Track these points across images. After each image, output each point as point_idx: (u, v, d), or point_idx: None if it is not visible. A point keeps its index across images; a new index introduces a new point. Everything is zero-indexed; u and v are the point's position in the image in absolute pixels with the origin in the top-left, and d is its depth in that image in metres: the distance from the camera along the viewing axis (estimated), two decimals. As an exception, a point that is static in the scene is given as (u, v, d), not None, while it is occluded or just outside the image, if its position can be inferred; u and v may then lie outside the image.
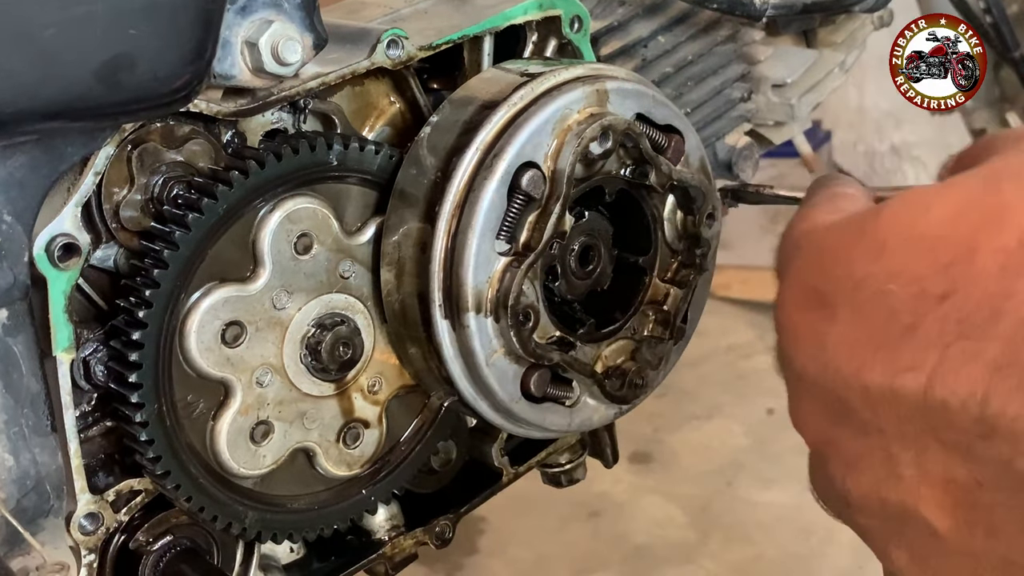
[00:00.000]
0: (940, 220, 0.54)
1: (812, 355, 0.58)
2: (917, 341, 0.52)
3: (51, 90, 0.66)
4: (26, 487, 0.78)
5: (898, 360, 0.53)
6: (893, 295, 0.54)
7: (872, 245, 0.56)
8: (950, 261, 0.52)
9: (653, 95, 0.93)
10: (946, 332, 0.51)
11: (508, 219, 0.85)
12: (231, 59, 0.79)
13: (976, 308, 0.51)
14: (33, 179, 0.74)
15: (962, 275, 0.51)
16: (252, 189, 0.82)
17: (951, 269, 0.52)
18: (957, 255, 0.52)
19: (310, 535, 0.93)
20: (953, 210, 0.54)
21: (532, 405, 0.91)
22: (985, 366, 0.50)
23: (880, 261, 0.55)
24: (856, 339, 0.55)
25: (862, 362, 0.55)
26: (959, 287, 0.51)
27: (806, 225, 0.64)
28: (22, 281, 0.75)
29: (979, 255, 0.51)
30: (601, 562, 2.68)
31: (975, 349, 0.50)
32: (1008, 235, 0.51)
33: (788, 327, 0.61)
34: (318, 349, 0.87)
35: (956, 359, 0.51)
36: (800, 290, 0.60)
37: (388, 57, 0.88)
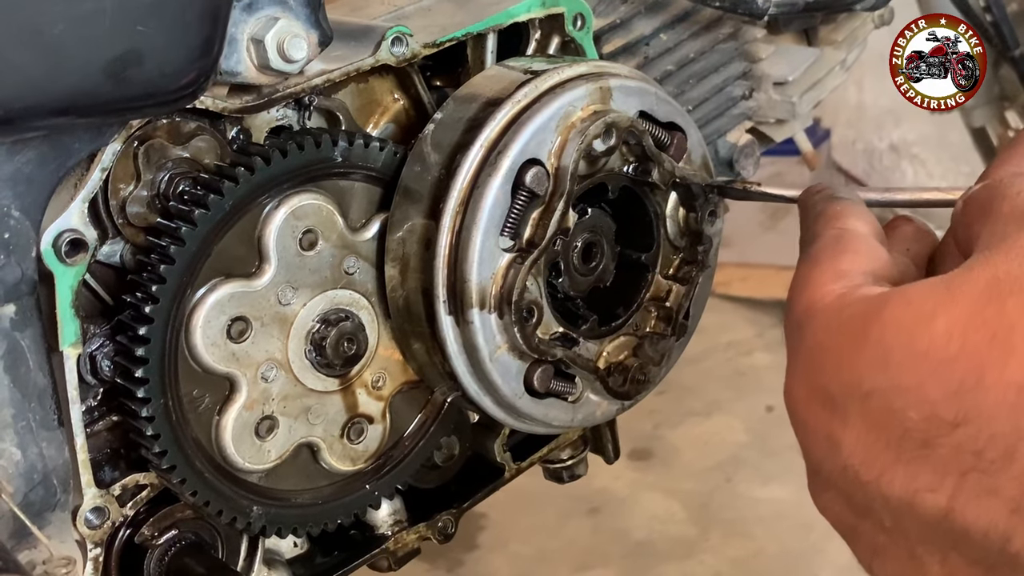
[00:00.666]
0: (944, 337, 0.53)
1: (827, 455, 0.58)
2: (934, 462, 0.53)
3: (59, 86, 0.67)
4: (33, 481, 0.78)
5: (917, 478, 0.53)
6: (904, 414, 0.54)
7: (877, 354, 0.55)
8: (959, 387, 0.52)
9: (656, 92, 0.94)
10: (962, 460, 0.52)
11: (512, 216, 0.86)
12: (237, 56, 0.79)
13: (989, 443, 0.51)
14: (41, 175, 0.74)
15: (972, 405, 0.51)
16: (258, 185, 0.82)
17: (961, 396, 0.52)
18: (966, 383, 0.52)
19: (314, 530, 0.93)
20: (957, 327, 0.53)
21: (535, 401, 0.91)
22: (1004, 504, 0.50)
23: (886, 374, 0.55)
24: (872, 447, 0.55)
25: (880, 472, 0.55)
26: (971, 417, 0.51)
27: (809, 296, 0.63)
28: (30, 276, 0.76)
29: (987, 387, 0.51)
30: (601, 558, 2.69)
31: (992, 485, 0.51)
32: (1015, 368, 0.51)
33: (800, 420, 0.60)
34: (323, 344, 0.88)
35: (974, 490, 0.51)
36: (808, 386, 0.59)
37: (393, 54, 0.89)
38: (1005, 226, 0.57)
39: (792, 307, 0.64)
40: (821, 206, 0.73)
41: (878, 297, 0.58)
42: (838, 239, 0.67)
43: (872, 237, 0.68)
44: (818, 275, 0.64)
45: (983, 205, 0.61)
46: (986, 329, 0.52)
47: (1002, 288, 0.53)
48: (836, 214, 0.70)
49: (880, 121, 4.03)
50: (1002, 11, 1.62)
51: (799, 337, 0.62)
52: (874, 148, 4.12)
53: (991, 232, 0.58)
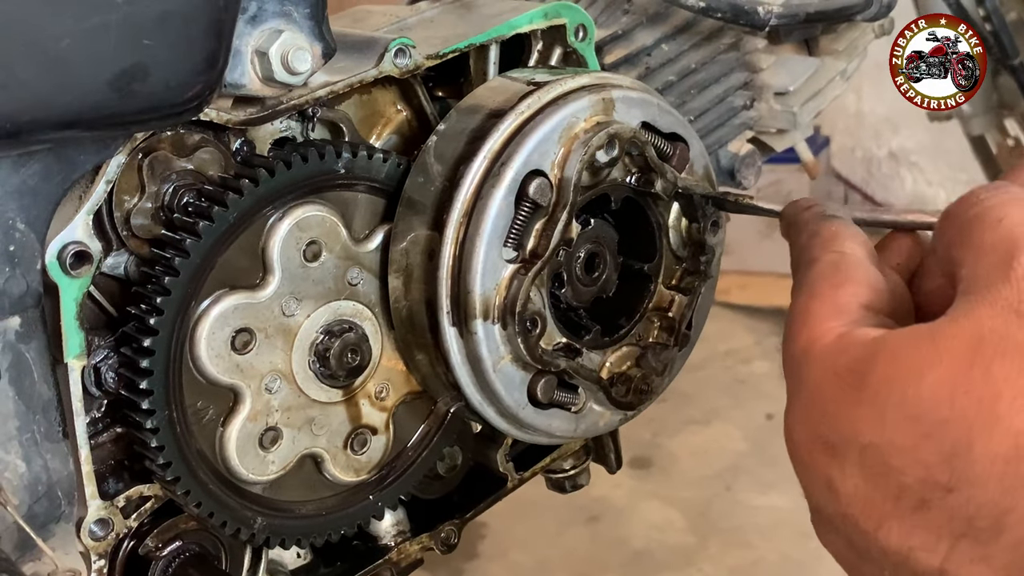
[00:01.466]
0: (934, 399, 0.54)
1: (827, 500, 0.59)
2: (928, 523, 0.54)
3: (65, 100, 0.67)
4: (38, 493, 0.78)
5: (912, 535, 0.54)
6: (901, 472, 0.54)
7: (872, 411, 0.56)
8: (951, 453, 0.53)
9: (658, 103, 0.94)
10: (955, 525, 0.53)
11: (515, 227, 0.86)
12: (241, 68, 0.80)
13: (979, 512, 0.52)
14: (46, 187, 0.74)
15: (963, 472, 0.52)
16: (262, 197, 0.82)
17: (953, 462, 0.53)
18: (956, 449, 0.53)
19: (317, 540, 0.93)
20: (945, 389, 0.54)
21: (538, 411, 0.91)
22: (994, 572, 0.52)
23: (881, 431, 0.56)
24: (869, 499, 0.56)
25: (878, 523, 0.56)
26: (962, 484, 0.52)
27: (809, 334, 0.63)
28: (35, 288, 0.76)
29: (976, 457, 0.52)
30: (600, 567, 2.69)
31: (983, 553, 0.52)
32: (1000, 438, 0.52)
33: (801, 462, 0.61)
34: (326, 356, 0.88)
35: (967, 555, 0.53)
36: (809, 431, 0.60)
37: (396, 66, 0.89)
38: (988, 268, 0.57)
39: (792, 341, 0.65)
40: (814, 226, 0.73)
41: (872, 345, 0.59)
42: (836, 265, 0.68)
43: (868, 261, 0.68)
44: (817, 308, 0.64)
45: (963, 228, 0.61)
46: (973, 394, 0.53)
47: (987, 348, 0.54)
48: (832, 235, 0.71)
49: (878, 129, 4.04)
50: (1001, 20, 1.62)
51: (799, 377, 0.62)
52: (873, 156, 4.13)
53: (973, 270, 0.58)
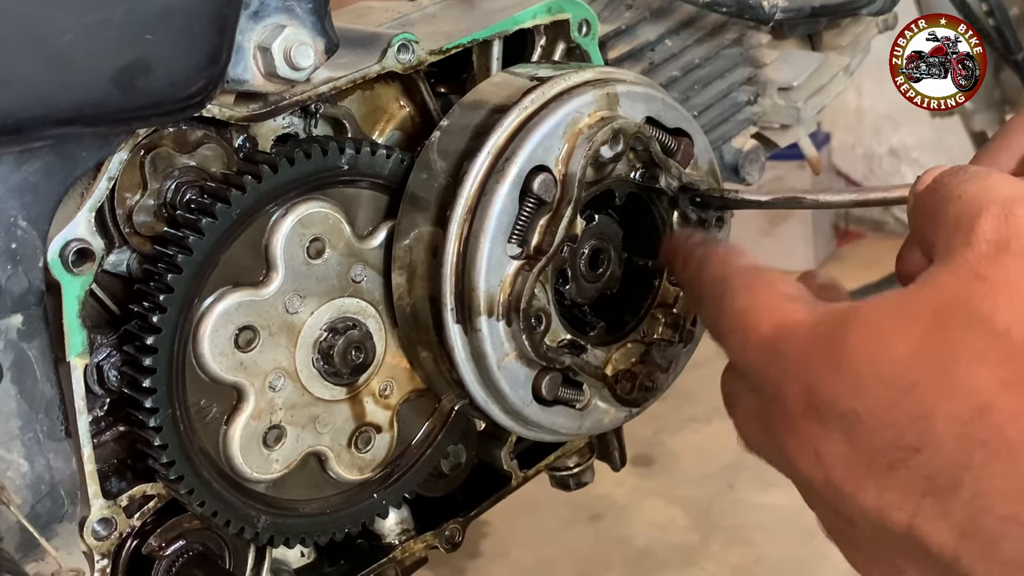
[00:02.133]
0: (903, 364, 0.56)
1: (813, 466, 0.61)
2: (898, 482, 0.56)
3: (67, 95, 0.66)
4: (40, 492, 0.78)
5: (885, 494, 0.57)
6: (876, 435, 0.57)
7: (849, 378, 0.58)
8: (917, 415, 0.55)
9: (662, 98, 0.94)
10: (920, 483, 0.55)
11: (519, 223, 0.85)
12: (244, 64, 0.79)
13: (940, 471, 0.54)
14: (48, 184, 0.74)
15: (927, 434, 0.55)
16: (265, 194, 0.82)
17: (918, 425, 0.55)
18: (921, 412, 0.55)
19: (321, 539, 0.93)
20: (911, 355, 0.56)
21: (543, 408, 0.91)
22: (953, 527, 0.54)
23: (859, 397, 0.57)
24: (849, 462, 0.58)
25: (857, 486, 0.58)
26: (927, 445, 0.55)
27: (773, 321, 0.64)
28: (36, 286, 0.75)
29: (937, 419, 0.54)
30: (603, 565, 2.69)
31: (943, 508, 0.54)
32: (958, 404, 0.54)
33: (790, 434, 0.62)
34: (330, 353, 0.87)
35: (930, 512, 0.55)
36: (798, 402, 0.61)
37: (399, 61, 0.89)
38: (952, 237, 0.59)
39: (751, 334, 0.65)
40: (702, 251, 0.76)
41: (845, 314, 0.60)
42: (753, 270, 0.70)
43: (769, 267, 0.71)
44: (766, 299, 0.66)
45: (931, 209, 0.63)
46: (935, 359, 0.55)
47: (948, 313, 0.56)
48: (728, 253, 0.74)
49: (879, 126, 4.04)
50: (1004, 15, 1.62)
51: (779, 361, 0.63)
52: (873, 152, 4.12)
53: (943, 243, 0.60)
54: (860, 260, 4.01)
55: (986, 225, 0.57)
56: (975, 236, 0.57)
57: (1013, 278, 0.55)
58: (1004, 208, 0.57)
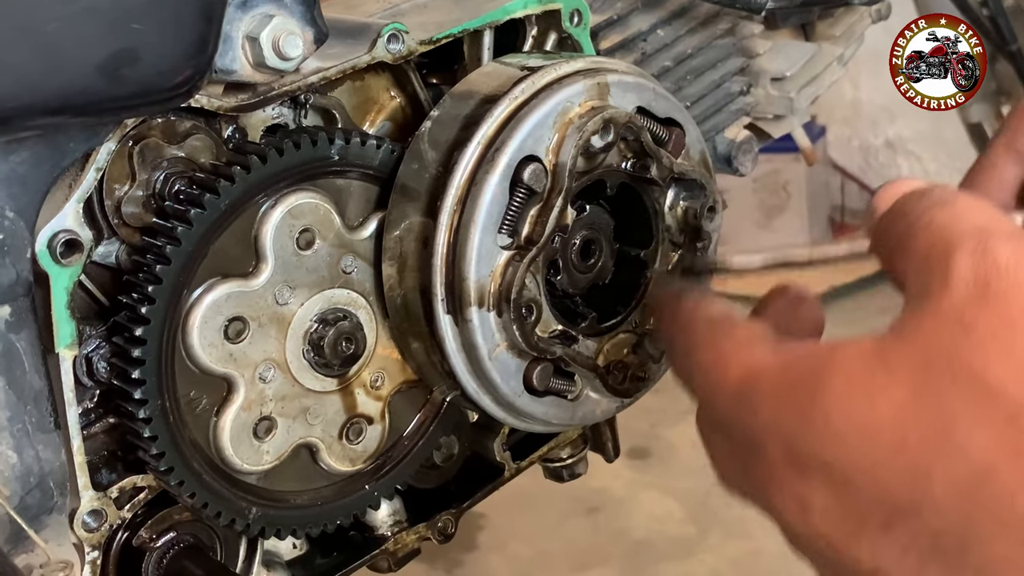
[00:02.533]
0: (890, 422, 0.53)
1: (799, 518, 0.58)
2: (895, 542, 0.54)
3: (54, 85, 0.66)
4: (30, 484, 0.78)
5: (882, 554, 0.55)
6: (864, 491, 0.54)
7: (828, 429, 0.56)
8: (911, 477, 0.53)
9: (654, 88, 0.93)
10: (921, 546, 0.53)
11: (510, 213, 0.85)
12: (232, 54, 0.79)
13: (943, 534, 0.52)
14: (35, 175, 0.74)
15: (925, 496, 0.52)
16: (254, 184, 0.82)
17: (914, 487, 0.53)
18: (916, 473, 0.53)
19: (313, 531, 0.92)
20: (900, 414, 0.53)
21: (535, 399, 0.91)
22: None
23: (841, 450, 0.55)
24: (839, 515, 0.56)
25: (848, 540, 0.56)
26: (925, 508, 0.52)
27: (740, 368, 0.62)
28: (25, 277, 0.75)
29: (934, 482, 0.52)
30: (601, 557, 2.69)
31: (952, 574, 0.52)
32: (957, 467, 0.51)
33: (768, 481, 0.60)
34: (320, 344, 0.87)
35: (935, 574, 0.53)
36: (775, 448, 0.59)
37: (389, 52, 0.88)
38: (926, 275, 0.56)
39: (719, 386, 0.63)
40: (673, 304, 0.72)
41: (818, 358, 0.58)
42: (713, 321, 0.67)
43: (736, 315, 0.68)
44: (730, 348, 0.63)
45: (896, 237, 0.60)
46: (927, 420, 0.53)
47: (936, 370, 0.53)
48: (695, 305, 0.70)
49: (876, 118, 4.04)
50: (999, 6, 1.61)
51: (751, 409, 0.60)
52: (870, 145, 4.12)
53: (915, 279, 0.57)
54: (857, 253, 4.01)
55: (962, 263, 0.54)
56: (952, 277, 0.54)
57: (999, 329, 0.52)
58: (979, 243, 0.54)
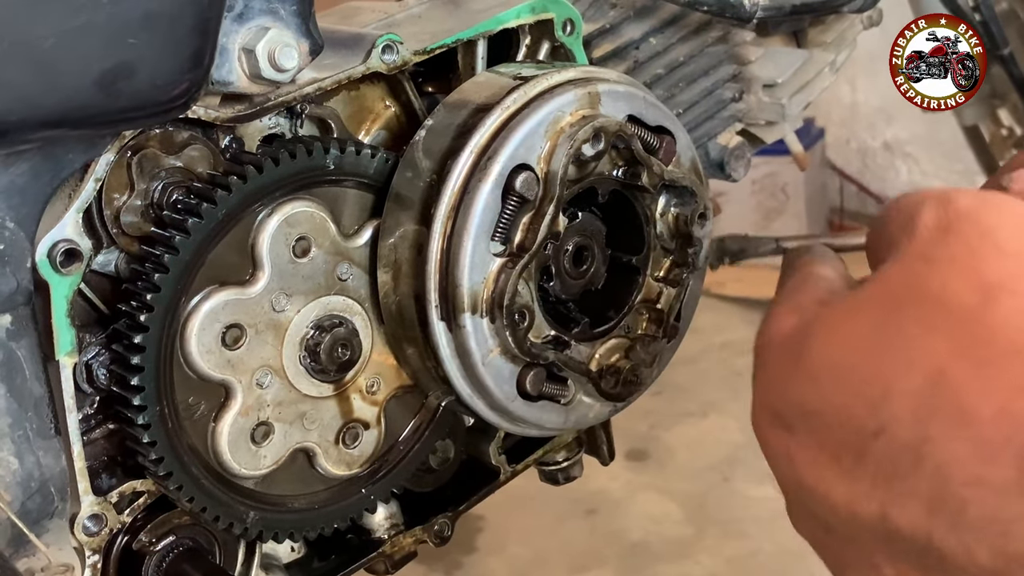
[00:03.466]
0: (856, 354, 0.57)
1: (786, 472, 0.61)
2: (865, 472, 0.56)
3: (52, 99, 0.67)
4: (31, 489, 0.79)
5: (855, 487, 0.57)
6: (839, 430, 0.57)
7: (807, 376, 0.59)
8: (874, 401, 0.55)
9: (644, 97, 0.95)
10: (885, 467, 0.55)
11: (503, 221, 0.86)
12: (228, 66, 0.80)
13: (902, 450, 0.54)
14: (35, 186, 0.75)
15: (885, 415, 0.55)
16: (251, 194, 0.83)
17: (876, 409, 0.55)
18: (876, 395, 0.55)
19: (311, 534, 0.94)
20: (864, 343, 0.57)
21: (528, 404, 0.92)
22: (922, 504, 0.54)
23: (817, 393, 0.58)
24: (818, 461, 0.59)
25: (828, 485, 0.58)
26: (885, 427, 0.55)
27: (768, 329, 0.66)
28: (25, 287, 0.76)
29: (893, 398, 0.54)
30: (598, 559, 2.70)
31: (911, 488, 0.54)
32: (912, 377, 0.54)
33: (761, 441, 0.64)
34: (317, 351, 0.88)
35: (898, 495, 0.55)
36: (764, 408, 0.63)
37: (383, 62, 0.90)
38: (896, 237, 0.60)
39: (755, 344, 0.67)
40: (791, 259, 0.77)
41: (810, 320, 0.62)
42: (801, 280, 0.71)
43: (837, 279, 0.71)
44: (776, 312, 0.68)
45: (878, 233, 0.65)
46: (888, 341, 0.56)
47: (896, 300, 0.57)
48: (804, 263, 0.74)
49: (873, 120, 4.05)
50: (991, 11, 1.63)
51: (757, 366, 0.65)
52: (867, 147, 4.13)
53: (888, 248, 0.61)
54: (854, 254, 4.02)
55: (926, 216, 0.58)
56: (916, 227, 0.58)
57: (958, 253, 0.56)
58: (942, 198, 0.58)
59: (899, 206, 0.62)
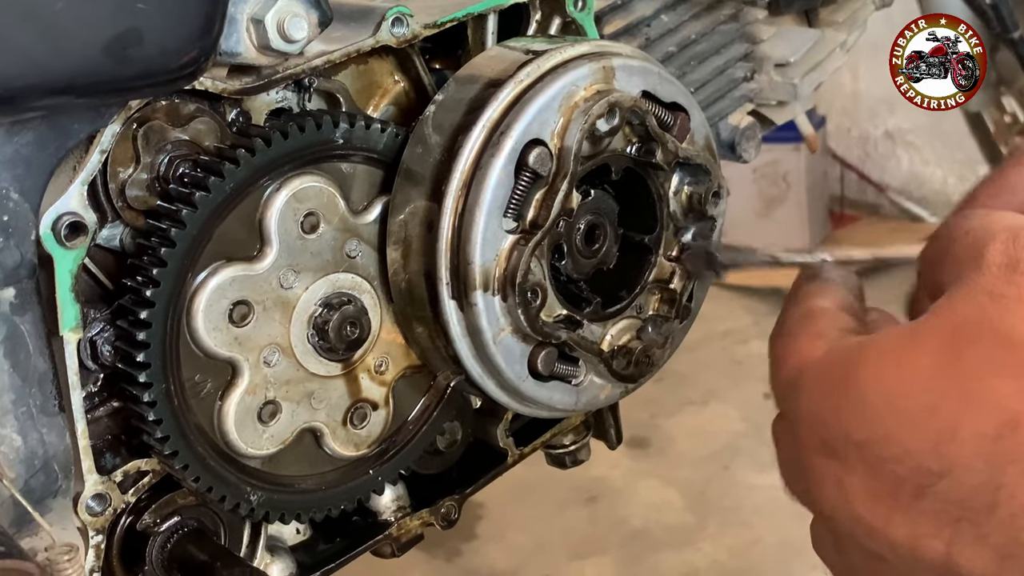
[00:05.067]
0: (917, 389, 0.56)
1: (837, 503, 0.60)
2: (928, 510, 0.55)
3: (59, 65, 0.66)
4: (34, 467, 0.78)
5: (916, 524, 0.56)
6: (895, 464, 0.56)
7: (859, 408, 0.58)
8: (938, 440, 0.55)
9: (659, 72, 0.93)
10: (952, 509, 0.54)
11: (515, 197, 0.85)
12: (237, 36, 0.78)
13: (972, 494, 0.54)
14: (40, 157, 0.73)
15: (952, 457, 0.54)
16: (258, 167, 0.81)
17: (941, 449, 0.54)
18: (942, 435, 0.54)
19: (317, 515, 0.92)
20: (926, 379, 0.56)
21: (539, 384, 0.91)
22: (993, 551, 0.53)
23: (872, 426, 0.57)
24: (875, 494, 0.58)
25: (886, 519, 0.57)
26: (952, 469, 0.54)
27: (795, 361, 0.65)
28: (29, 260, 0.75)
29: (963, 440, 0.54)
30: (599, 546, 2.69)
31: (981, 533, 0.53)
32: (984, 421, 0.53)
33: (809, 470, 0.62)
34: (325, 329, 0.87)
35: (966, 537, 0.54)
36: (812, 437, 0.62)
37: (393, 35, 0.88)
38: (960, 267, 0.59)
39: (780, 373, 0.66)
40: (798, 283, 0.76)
41: (856, 345, 0.61)
42: (805, 314, 0.70)
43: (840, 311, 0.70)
44: (797, 341, 0.67)
45: (937, 254, 0.64)
46: (953, 380, 0.55)
47: (963, 335, 0.56)
48: (805, 294, 0.73)
49: (875, 109, 4.04)
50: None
51: (795, 397, 0.64)
52: (869, 135, 4.12)
53: (949, 276, 0.60)
54: (855, 243, 4.02)
55: (995, 250, 0.57)
56: (985, 261, 0.57)
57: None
58: (1011, 233, 0.58)
59: (966, 231, 0.61)
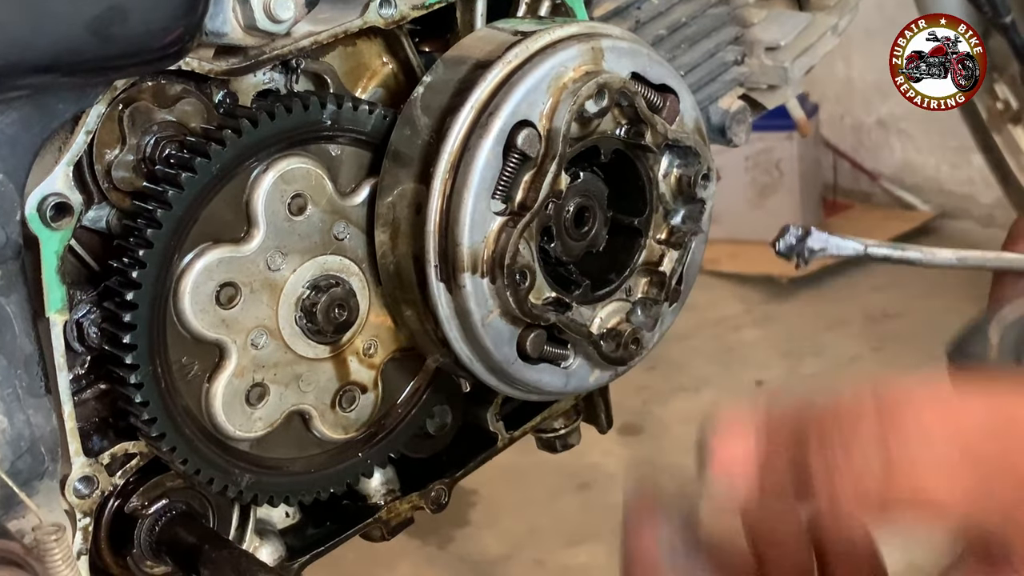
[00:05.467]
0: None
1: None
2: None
3: (43, 43, 0.66)
4: (20, 449, 0.77)
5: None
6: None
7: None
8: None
9: (648, 54, 0.93)
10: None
11: (503, 178, 0.85)
12: (223, 16, 0.78)
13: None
14: (25, 137, 0.73)
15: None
16: (245, 148, 0.81)
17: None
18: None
19: (306, 499, 0.92)
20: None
21: (528, 366, 0.91)
22: None
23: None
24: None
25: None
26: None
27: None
28: (14, 240, 0.74)
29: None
30: (592, 533, 2.69)
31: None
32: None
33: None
34: (313, 311, 0.87)
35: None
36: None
37: (381, 16, 0.88)
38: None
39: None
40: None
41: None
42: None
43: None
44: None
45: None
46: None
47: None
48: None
49: (868, 96, 4.03)
50: (992, -23, 1.61)
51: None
52: (862, 123, 4.12)
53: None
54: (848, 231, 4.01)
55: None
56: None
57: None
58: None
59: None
